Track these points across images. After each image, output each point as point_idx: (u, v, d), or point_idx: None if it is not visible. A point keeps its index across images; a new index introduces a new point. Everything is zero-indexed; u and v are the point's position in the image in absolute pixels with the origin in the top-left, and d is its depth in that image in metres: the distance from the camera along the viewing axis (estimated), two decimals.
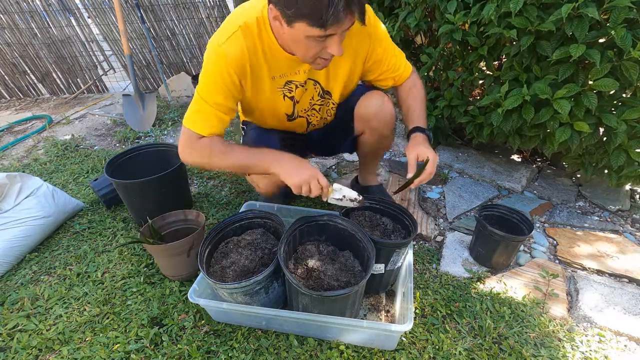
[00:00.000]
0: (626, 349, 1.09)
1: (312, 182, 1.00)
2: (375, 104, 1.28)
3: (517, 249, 1.33)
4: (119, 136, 2.45)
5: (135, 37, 2.97)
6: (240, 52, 0.98)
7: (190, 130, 1.05)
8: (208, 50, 1.00)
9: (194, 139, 1.05)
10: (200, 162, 1.09)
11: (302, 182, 0.99)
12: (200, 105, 1.03)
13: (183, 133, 1.07)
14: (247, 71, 1.03)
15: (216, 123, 1.05)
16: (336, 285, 1.04)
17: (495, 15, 1.38)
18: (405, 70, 1.25)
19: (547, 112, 1.39)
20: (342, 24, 0.83)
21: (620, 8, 1.17)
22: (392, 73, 1.23)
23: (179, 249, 1.21)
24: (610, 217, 1.63)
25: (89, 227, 1.59)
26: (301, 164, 1.03)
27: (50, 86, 3.26)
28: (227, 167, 1.10)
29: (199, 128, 1.04)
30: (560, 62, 1.35)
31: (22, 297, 1.25)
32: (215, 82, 1.00)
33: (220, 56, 0.98)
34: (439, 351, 1.07)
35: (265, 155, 1.06)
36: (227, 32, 0.98)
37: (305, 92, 1.19)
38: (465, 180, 1.89)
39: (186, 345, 1.08)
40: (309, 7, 0.78)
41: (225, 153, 1.06)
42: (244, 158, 1.07)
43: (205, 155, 1.06)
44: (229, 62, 0.98)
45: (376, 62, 1.19)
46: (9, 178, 1.44)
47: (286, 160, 1.03)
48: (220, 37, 0.98)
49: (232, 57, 0.98)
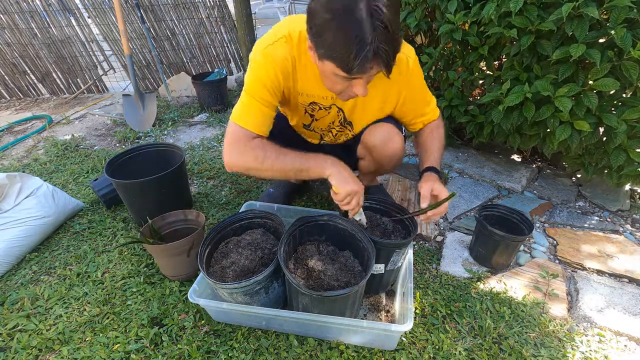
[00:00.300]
0: (626, 349, 1.09)
1: (355, 197, 1.02)
2: (383, 136, 1.23)
3: (517, 249, 1.33)
4: (119, 136, 2.45)
5: (135, 37, 2.97)
6: (284, 57, 1.01)
7: (241, 127, 1.02)
8: (254, 52, 1.02)
9: (245, 139, 1.02)
10: (251, 165, 1.03)
11: (350, 193, 1.01)
12: (249, 102, 1.03)
13: (231, 132, 1.04)
14: (289, 75, 1.05)
15: (264, 120, 1.05)
16: (336, 285, 1.04)
17: (496, 14, 1.38)
18: (432, 113, 1.25)
19: (548, 110, 1.39)
20: (368, 73, 0.83)
21: (620, 8, 1.17)
22: (421, 117, 1.25)
23: (179, 249, 1.21)
24: (610, 217, 1.63)
25: (89, 227, 1.59)
26: (354, 177, 1.03)
27: (50, 86, 3.26)
28: (278, 170, 1.04)
29: (251, 124, 1.03)
30: (561, 62, 1.35)
31: (22, 297, 1.25)
32: (262, 80, 1.01)
33: (267, 56, 0.99)
34: (439, 351, 1.07)
35: (322, 159, 1.04)
36: (273, 38, 1.01)
37: (327, 115, 1.21)
38: (465, 180, 1.89)
39: (186, 345, 1.08)
40: (338, 52, 0.79)
41: (280, 154, 1.02)
42: (301, 160, 1.03)
43: (259, 156, 1.01)
44: (275, 62, 1.00)
45: (410, 108, 1.22)
46: (9, 178, 1.44)
47: (342, 167, 1.03)
48: (266, 41, 1.01)
49: (278, 59, 1.00)
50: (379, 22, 0.73)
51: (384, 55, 0.77)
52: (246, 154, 1.02)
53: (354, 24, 0.74)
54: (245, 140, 1.02)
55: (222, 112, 2.79)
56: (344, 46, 0.77)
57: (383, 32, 0.74)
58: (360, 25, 0.74)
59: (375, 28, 0.74)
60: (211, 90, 2.71)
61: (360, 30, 0.74)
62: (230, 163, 1.05)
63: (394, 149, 1.24)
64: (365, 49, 0.75)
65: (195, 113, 2.78)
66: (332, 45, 0.79)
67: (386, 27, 0.74)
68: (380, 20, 0.73)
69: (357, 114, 1.22)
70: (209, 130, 2.54)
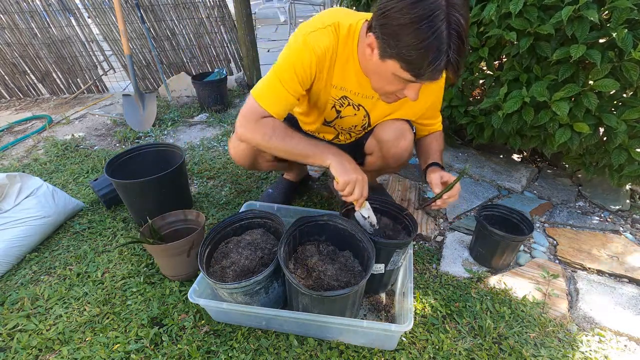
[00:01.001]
0: (626, 349, 1.09)
1: (357, 185, 1.02)
2: (396, 131, 1.23)
3: (517, 249, 1.33)
4: (119, 136, 2.45)
5: (135, 37, 2.97)
6: (325, 46, 1.00)
7: (258, 105, 1.04)
8: (296, 35, 1.01)
9: (258, 116, 1.05)
10: (259, 141, 1.07)
11: (350, 181, 1.01)
12: (274, 83, 1.03)
13: (249, 105, 1.06)
14: (324, 66, 1.05)
15: (284, 105, 1.06)
16: (336, 285, 1.04)
17: (496, 15, 1.38)
18: (439, 126, 1.31)
19: (546, 114, 1.39)
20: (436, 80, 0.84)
21: (621, 9, 1.17)
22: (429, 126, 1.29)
23: (179, 249, 1.21)
24: (610, 217, 1.63)
25: (89, 227, 1.59)
26: (356, 167, 1.04)
27: (50, 86, 3.26)
28: (283, 151, 1.07)
29: (268, 104, 1.04)
30: (561, 62, 1.35)
31: (22, 297, 1.25)
32: (294, 66, 1.00)
33: (307, 44, 0.98)
34: (439, 351, 1.07)
35: (326, 147, 1.06)
36: (319, 24, 1.00)
37: (354, 116, 1.22)
38: (465, 180, 1.89)
39: (186, 345, 1.08)
40: (413, 56, 0.79)
41: (287, 136, 1.05)
42: (305, 146, 1.05)
43: (267, 134, 1.04)
44: (313, 52, 0.99)
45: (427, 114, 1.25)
46: (9, 178, 1.44)
47: (345, 158, 1.04)
48: (312, 26, 1.00)
49: (318, 48, 0.99)
50: (455, 33, 0.75)
51: (455, 65, 0.79)
52: (256, 130, 1.05)
53: (434, 33, 0.75)
54: (257, 116, 1.05)
55: (222, 112, 2.79)
56: (420, 52, 0.77)
57: (458, 44, 0.76)
58: (439, 35, 0.75)
59: (451, 38, 0.75)
60: (211, 90, 2.71)
61: (438, 40, 0.75)
62: (242, 135, 1.09)
63: (404, 146, 1.25)
64: (440, 58, 0.77)
65: (195, 113, 2.78)
66: (407, 48, 0.79)
67: (461, 39, 0.76)
68: (457, 32, 0.75)
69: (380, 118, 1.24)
70: (209, 130, 2.54)
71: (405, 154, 1.27)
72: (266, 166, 1.41)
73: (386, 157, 1.30)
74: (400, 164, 1.34)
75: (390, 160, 1.30)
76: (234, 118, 2.69)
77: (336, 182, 1.04)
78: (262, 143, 1.07)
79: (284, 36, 5.26)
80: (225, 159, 2.13)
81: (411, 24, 0.76)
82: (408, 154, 1.29)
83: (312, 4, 5.27)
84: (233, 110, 2.84)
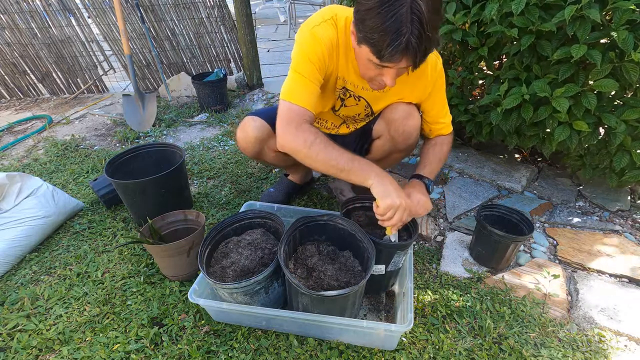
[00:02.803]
0: (626, 349, 1.09)
1: (399, 212, 0.97)
2: (404, 111, 1.24)
3: (517, 249, 1.33)
4: (119, 136, 2.45)
5: (135, 37, 2.97)
6: (330, 37, 1.04)
7: (290, 103, 1.02)
8: (301, 32, 1.05)
9: (299, 119, 1.01)
10: (300, 149, 1.00)
11: (393, 206, 0.96)
12: (296, 78, 1.04)
13: (285, 111, 1.02)
14: (333, 56, 1.08)
15: (313, 95, 1.05)
16: (336, 285, 1.04)
17: (497, 15, 1.38)
18: (443, 128, 1.29)
19: (546, 111, 1.39)
20: (397, 63, 0.87)
21: (623, 10, 1.17)
22: (436, 124, 1.29)
23: (179, 249, 1.21)
24: (610, 217, 1.63)
25: (89, 227, 1.59)
26: (400, 191, 0.99)
27: (50, 86, 3.26)
28: (323, 162, 1.00)
29: (298, 99, 1.02)
30: (561, 62, 1.35)
31: (22, 297, 1.25)
32: (309, 56, 1.03)
33: (315, 35, 1.02)
34: (439, 351, 1.07)
35: (369, 165, 1.01)
36: (320, 19, 1.04)
37: (356, 106, 1.25)
38: (465, 180, 1.89)
39: (186, 345, 1.08)
40: (374, 38, 0.84)
41: (329, 146, 1.00)
42: (347, 160, 0.99)
43: (308, 140, 0.99)
44: (322, 42, 1.03)
45: (427, 108, 1.26)
46: (8, 178, 1.44)
47: (388, 180, 0.99)
48: (314, 21, 1.04)
49: (325, 39, 1.03)
50: (416, 18, 0.78)
51: (414, 50, 0.82)
52: (298, 136, 1.00)
53: (394, 15, 0.79)
54: (298, 120, 1.01)
55: (222, 112, 2.79)
56: (381, 34, 0.82)
57: (418, 28, 0.79)
58: (399, 18, 0.79)
59: (412, 23, 0.79)
60: (211, 90, 2.71)
61: (397, 22, 0.79)
62: (283, 143, 1.04)
63: (413, 125, 1.26)
64: (398, 40, 0.80)
65: (195, 113, 2.78)
66: (371, 31, 0.84)
67: (421, 24, 0.79)
68: (417, 17, 0.78)
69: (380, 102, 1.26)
70: (209, 130, 2.54)
71: (414, 132, 1.27)
72: (271, 157, 1.40)
73: (395, 137, 1.30)
74: (409, 144, 1.32)
75: (399, 139, 1.29)
76: (234, 118, 2.69)
77: (376, 205, 1.00)
78: (303, 150, 1.00)
79: (284, 36, 5.26)
80: (225, 158, 2.13)
81: (375, 8, 0.81)
82: (416, 133, 1.29)
83: (312, 4, 5.27)
84: (233, 110, 2.84)
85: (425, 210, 1.10)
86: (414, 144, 1.34)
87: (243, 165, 2.05)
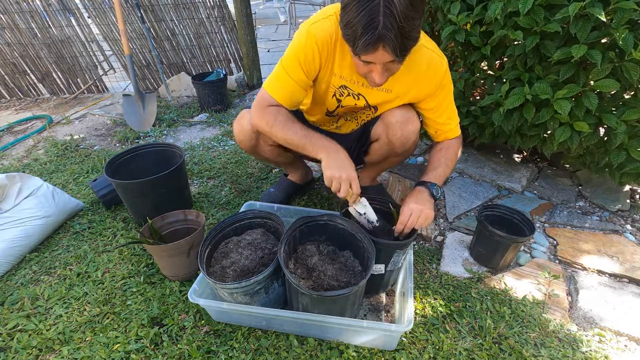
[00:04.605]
0: (626, 349, 1.09)
1: (343, 183, 1.03)
2: (403, 115, 1.24)
3: (517, 250, 1.33)
4: (119, 136, 2.45)
5: (135, 37, 2.97)
6: (329, 34, 1.05)
7: (265, 92, 1.13)
8: (300, 28, 1.08)
9: (265, 103, 1.12)
10: (263, 127, 1.14)
11: (334, 177, 1.03)
12: (279, 72, 1.11)
13: (259, 94, 1.14)
14: (328, 53, 1.09)
15: (289, 92, 1.11)
16: (336, 285, 1.04)
17: (501, 14, 1.37)
18: (451, 131, 1.26)
19: (548, 112, 1.39)
20: (373, 55, 0.87)
21: (624, 10, 1.17)
22: (443, 126, 1.25)
23: (179, 249, 1.21)
24: (610, 217, 1.63)
25: (89, 227, 1.59)
26: (346, 163, 1.05)
27: (50, 86, 3.26)
28: (282, 139, 1.13)
29: (274, 91, 1.12)
30: (562, 63, 1.35)
31: (22, 297, 1.25)
32: (297, 57, 1.07)
33: (310, 33, 1.04)
34: (439, 351, 1.07)
35: (321, 141, 1.09)
36: (321, 15, 1.06)
37: (355, 106, 1.25)
38: (466, 180, 1.89)
39: (186, 345, 1.08)
40: (350, 31, 0.86)
41: (286, 126, 1.10)
42: (301, 137, 1.09)
43: (270, 122, 1.11)
44: (316, 41, 1.05)
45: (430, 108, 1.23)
46: (8, 178, 1.44)
47: (336, 154, 1.06)
48: (314, 18, 1.06)
49: (320, 37, 1.04)
50: (389, 11, 0.79)
51: (390, 40, 0.82)
52: (262, 117, 1.13)
53: (366, 8, 0.80)
54: (264, 104, 1.13)
55: (222, 112, 2.78)
56: (354, 26, 0.83)
57: (390, 21, 0.79)
58: (371, 10, 0.79)
59: (384, 14, 0.79)
60: (211, 90, 2.71)
61: (370, 15, 0.80)
62: (253, 122, 1.18)
63: (411, 130, 1.26)
64: (370, 32, 0.81)
65: (195, 113, 2.78)
66: (348, 24, 0.85)
67: (395, 17, 0.79)
68: (390, 10, 0.78)
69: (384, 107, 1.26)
70: (209, 130, 2.54)
71: (411, 137, 1.28)
72: (267, 150, 1.39)
73: (392, 141, 1.29)
74: (406, 149, 1.32)
75: (397, 143, 1.29)
76: (234, 118, 2.69)
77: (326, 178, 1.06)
78: (265, 129, 1.13)
79: (284, 36, 5.26)
80: (225, 158, 2.13)
81: (351, 3, 0.82)
82: (414, 138, 1.29)
83: (312, 4, 5.27)
84: (233, 110, 2.84)
85: (426, 218, 1.09)
86: (411, 149, 1.34)
87: (243, 165, 2.05)
